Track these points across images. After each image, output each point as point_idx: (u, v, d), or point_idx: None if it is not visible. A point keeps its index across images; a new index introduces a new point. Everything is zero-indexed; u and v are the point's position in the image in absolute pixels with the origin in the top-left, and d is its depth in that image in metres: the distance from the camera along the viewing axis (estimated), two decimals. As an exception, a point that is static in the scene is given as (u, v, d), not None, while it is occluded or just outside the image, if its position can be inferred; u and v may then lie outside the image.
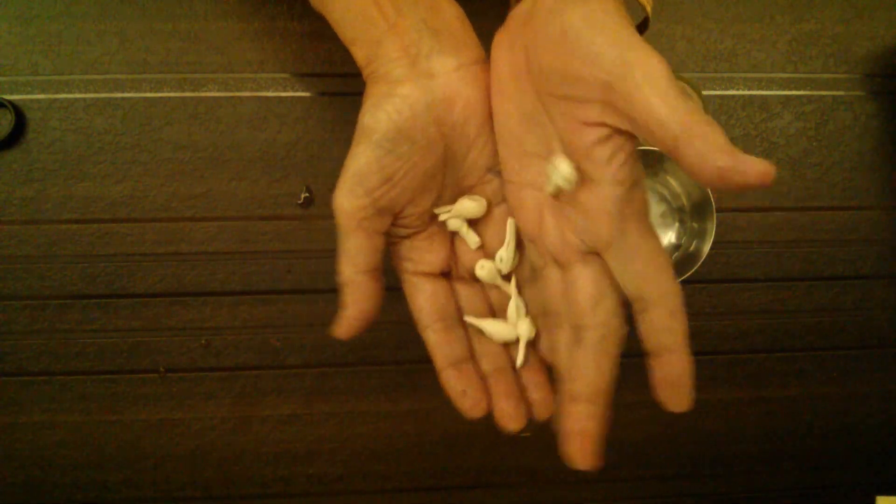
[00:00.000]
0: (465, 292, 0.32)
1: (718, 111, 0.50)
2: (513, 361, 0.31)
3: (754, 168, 0.21)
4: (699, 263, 0.45)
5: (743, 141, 0.50)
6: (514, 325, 0.30)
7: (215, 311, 0.48)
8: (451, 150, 0.30)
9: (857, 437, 0.50)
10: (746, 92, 0.51)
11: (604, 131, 0.25)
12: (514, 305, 0.30)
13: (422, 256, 0.32)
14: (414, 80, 0.28)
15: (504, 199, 0.32)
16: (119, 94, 0.48)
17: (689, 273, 0.45)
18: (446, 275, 0.33)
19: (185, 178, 0.47)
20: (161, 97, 0.48)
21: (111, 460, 0.47)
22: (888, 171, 0.51)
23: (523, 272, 0.32)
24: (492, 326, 0.30)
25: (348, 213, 0.29)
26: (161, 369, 0.47)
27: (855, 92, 0.51)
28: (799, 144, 0.51)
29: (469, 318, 0.31)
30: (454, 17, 0.30)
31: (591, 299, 0.27)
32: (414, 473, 0.48)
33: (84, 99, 0.47)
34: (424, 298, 0.31)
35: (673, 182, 0.49)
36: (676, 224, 0.49)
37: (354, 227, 0.29)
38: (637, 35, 0.25)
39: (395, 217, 0.31)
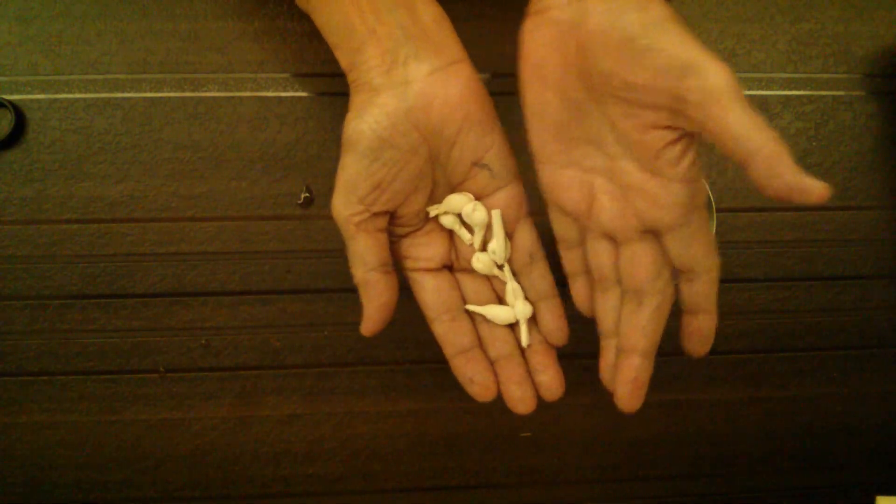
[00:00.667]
0: (469, 282, 0.34)
1: (718, 111, 0.50)
2: (520, 344, 0.33)
3: (816, 189, 0.24)
4: (699, 263, 0.45)
5: (743, 141, 0.50)
6: (513, 308, 0.32)
7: (215, 311, 0.48)
8: (435, 150, 0.31)
9: (857, 437, 0.50)
10: (746, 92, 0.51)
11: (674, 134, 0.27)
12: (511, 289, 0.32)
13: (422, 252, 0.33)
14: (391, 88, 0.30)
15: (493, 191, 0.33)
16: (119, 94, 0.48)
17: (689, 273, 0.45)
18: (449, 267, 0.34)
19: (185, 178, 0.47)
20: (161, 97, 0.48)
21: (111, 460, 0.47)
22: (888, 171, 0.51)
23: (518, 258, 0.33)
24: (492, 311, 0.32)
25: (346, 220, 0.31)
26: (161, 369, 0.47)
27: (855, 92, 0.51)
28: (799, 144, 0.51)
29: (470, 307, 0.33)
30: (431, 21, 0.31)
31: (652, 272, 0.30)
32: (414, 473, 0.48)
33: (84, 99, 0.47)
34: (428, 293, 0.33)
35: (673, 182, 0.49)
36: (676, 224, 0.49)
37: (355, 231, 0.31)
38: (697, 40, 0.25)
39: (392, 217, 0.32)
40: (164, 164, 0.47)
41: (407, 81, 0.30)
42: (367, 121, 0.30)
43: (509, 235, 0.33)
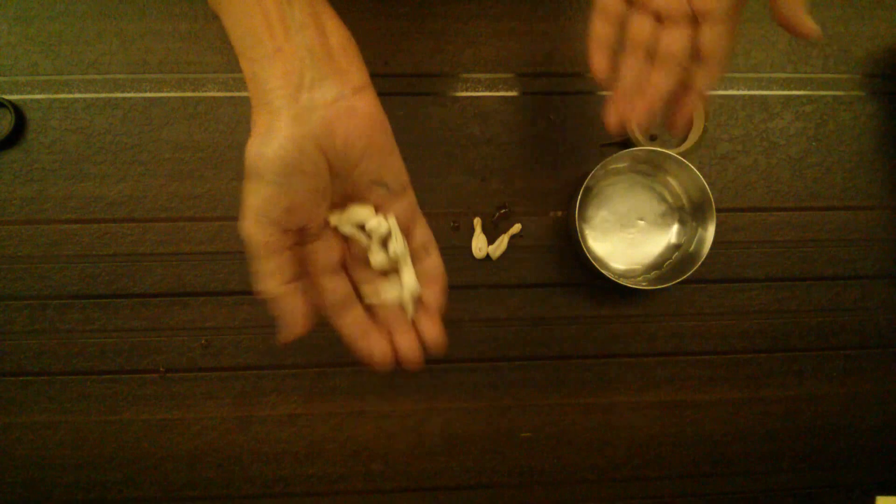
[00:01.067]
0: (361, 274, 0.35)
1: (719, 111, 0.50)
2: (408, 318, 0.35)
3: (813, 30, 0.33)
4: (699, 263, 0.45)
5: (743, 141, 0.50)
6: (405, 287, 0.35)
7: (215, 311, 0.48)
8: (336, 169, 0.32)
9: (857, 437, 0.50)
10: (746, 92, 0.51)
11: None
12: (408, 274, 0.35)
13: (321, 258, 0.34)
14: (296, 115, 0.30)
15: (390, 203, 0.34)
16: (119, 94, 0.48)
17: (689, 273, 0.45)
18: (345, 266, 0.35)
19: (185, 178, 0.47)
20: (161, 97, 0.48)
21: (111, 460, 0.47)
22: (888, 171, 0.51)
23: (416, 250, 0.35)
24: (387, 292, 0.34)
25: (260, 242, 0.31)
26: (161, 369, 0.47)
27: (855, 92, 0.51)
28: (799, 144, 0.51)
29: (367, 299, 0.35)
30: (338, 44, 0.31)
31: (686, 50, 0.36)
32: (414, 473, 0.48)
33: (84, 99, 0.47)
34: (328, 293, 0.34)
35: (673, 182, 0.49)
36: (676, 224, 0.49)
37: (270, 252, 0.31)
38: None
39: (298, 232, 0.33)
40: (164, 164, 0.47)
41: (312, 107, 0.30)
42: (272, 147, 0.30)
43: (407, 234, 0.35)
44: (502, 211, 0.49)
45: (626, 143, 0.49)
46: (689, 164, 0.45)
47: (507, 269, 0.49)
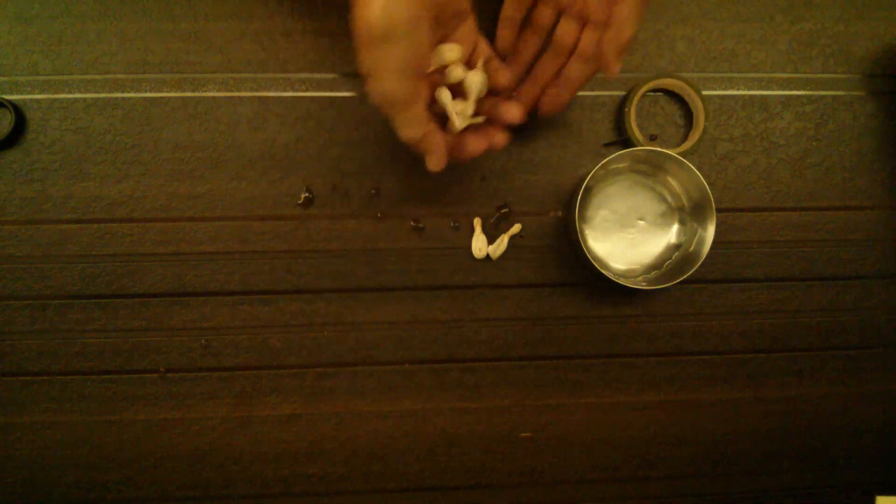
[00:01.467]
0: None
1: (718, 111, 0.50)
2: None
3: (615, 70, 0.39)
4: (699, 263, 0.45)
5: (743, 141, 0.50)
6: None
7: (215, 311, 0.48)
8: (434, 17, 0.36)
9: (857, 437, 0.50)
10: (746, 92, 0.51)
11: None
12: (474, 97, 0.41)
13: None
14: None
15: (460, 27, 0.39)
16: (119, 94, 0.48)
17: (689, 273, 0.45)
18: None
19: (185, 178, 0.47)
20: (161, 97, 0.48)
21: (111, 460, 0.47)
22: (888, 171, 0.51)
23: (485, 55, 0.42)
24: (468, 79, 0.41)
25: (402, 97, 0.35)
26: (161, 369, 0.47)
27: (855, 92, 0.51)
28: (799, 144, 0.51)
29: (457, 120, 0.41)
30: None
31: (572, 44, 0.43)
32: (414, 473, 0.48)
33: (84, 99, 0.47)
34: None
35: (673, 182, 0.49)
36: (676, 224, 0.49)
37: (411, 102, 0.36)
38: None
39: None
40: (164, 164, 0.47)
41: None
42: (393, 9, 0.32)
43: (474, 49, 0.41)
44: (502, 211, 0.49)
45: (626, 142, 0.49)
46: (689, 164, 0.45)
47: (507, 269, 0.49)
